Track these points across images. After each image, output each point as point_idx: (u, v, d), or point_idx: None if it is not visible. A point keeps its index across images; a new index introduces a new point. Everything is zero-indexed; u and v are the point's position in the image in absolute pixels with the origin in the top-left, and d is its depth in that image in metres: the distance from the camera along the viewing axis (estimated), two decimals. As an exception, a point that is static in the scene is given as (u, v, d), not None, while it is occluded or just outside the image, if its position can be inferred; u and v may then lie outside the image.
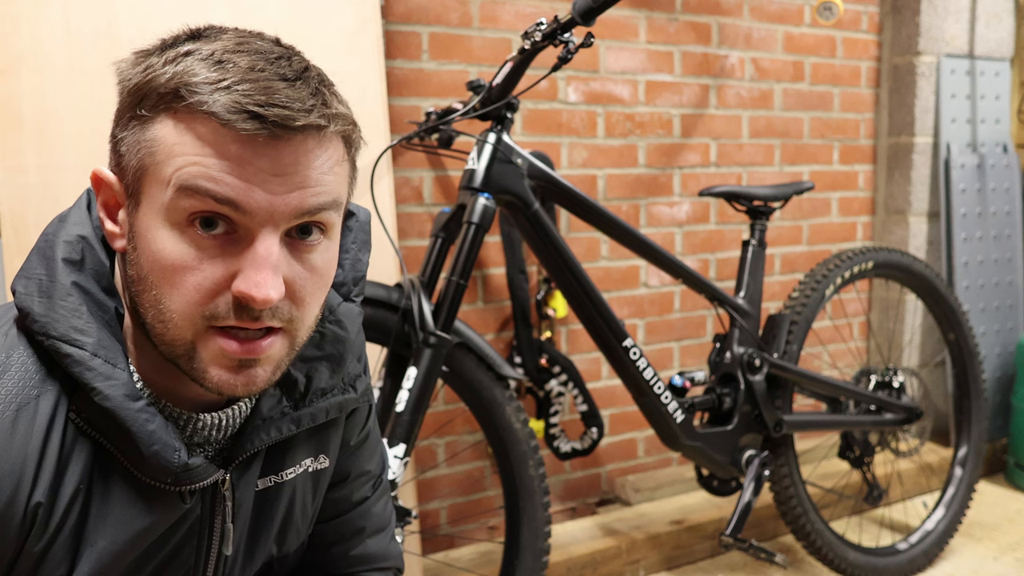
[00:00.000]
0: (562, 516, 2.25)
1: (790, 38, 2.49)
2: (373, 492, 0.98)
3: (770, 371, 1.88)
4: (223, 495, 0.77)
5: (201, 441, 0.76)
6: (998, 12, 2.72)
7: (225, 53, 0.64)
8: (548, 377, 2.03)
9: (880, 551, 2.11)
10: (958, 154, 2.65)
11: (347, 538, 0.95)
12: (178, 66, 0.64)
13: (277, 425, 0.78)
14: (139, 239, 0.66)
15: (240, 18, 1.61)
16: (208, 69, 0.63)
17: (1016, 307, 2.80)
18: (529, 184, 1.57)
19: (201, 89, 0.62)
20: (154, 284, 0.66)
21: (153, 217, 0.65)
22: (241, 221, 0.65)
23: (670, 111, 2.30)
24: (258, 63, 0.64)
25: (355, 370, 0.87)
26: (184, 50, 0.65)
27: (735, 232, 2.46)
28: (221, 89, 0.62)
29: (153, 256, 0.65)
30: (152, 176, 0.65)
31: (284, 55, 0.67)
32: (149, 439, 0.67)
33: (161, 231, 0.65)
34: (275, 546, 0.87)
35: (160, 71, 0.64)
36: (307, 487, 0.87)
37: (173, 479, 0.70)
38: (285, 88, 0.64)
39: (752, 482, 1.81)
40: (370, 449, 0.96)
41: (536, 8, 2.06)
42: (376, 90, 1.73)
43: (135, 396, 0.67)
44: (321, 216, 0.68)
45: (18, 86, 1.42)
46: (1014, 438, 2.65)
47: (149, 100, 0.65)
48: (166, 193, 0.64)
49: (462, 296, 1.49)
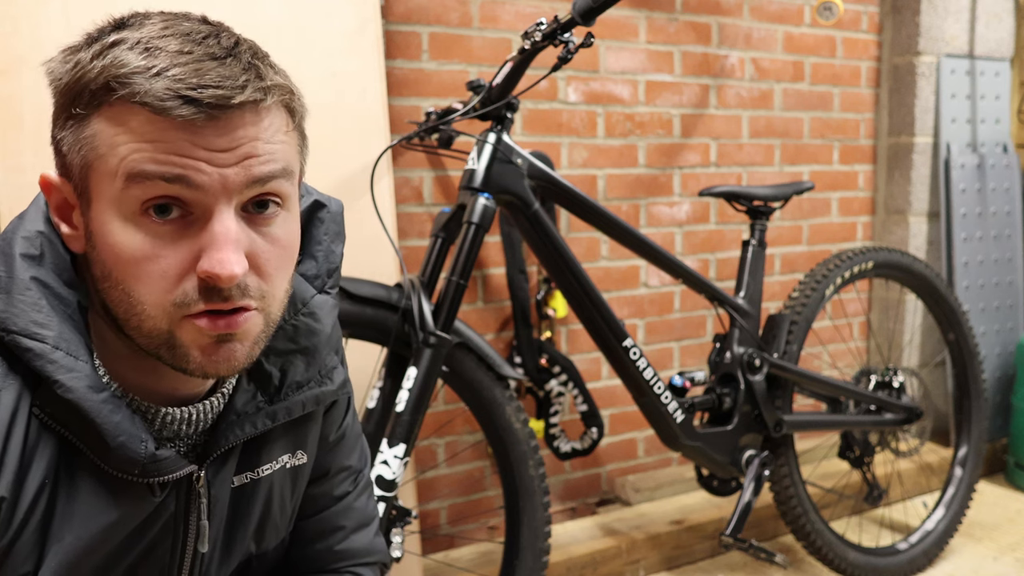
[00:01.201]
0: (562, 516, 2.25)
1: (790, 38, 2.49)
2: (354, 487, 0.97)
3: (770, 371, 1.88)
4: (198, 491, 0.76)
5: (171, 435, 0.75)
6: (998, 12, 2.72)
7: (152, 39, 0.63)
8: (548, 377, 2.03)
9: (880, 551, 2.11)
10: (958, 154, 2.65)
11: (329, 534, 0.94)
12: (106, 59, 0.63)
13: (252, 420, 0.78)
14: (96, 237, 0.66)
15: (240, 18, 1.61)
16: (137, 58, 0.62)
17: (1016, 307, 2.80)
18: (529, 184, 1.57)
19: (132, 79, 0.62)
20: (120, 279, 0.65)
21: (106, 212, 0.65)
22: (194, 199, 0.64)
23: (670, 111, 2.30)
24: (186, 45, 0.63)
25: (331, 362, 0.86)
26: (110, 41, 0.64)
27: (735, 232, 2.46)
28: (152, 77, 0.61)
29: (113, 251, 0.65)
30: (98, 172, 0.65)
31: (212, 33, 0.66)
32: (114, 430, 0.67)
33: (116, 224, 0.64)
34: (253, 543, 0.86)
35: (89, 66, 0.63)
36: (285, 483, 0.86)
37: (140, 470, 0.69)
38: (216, 67, 0.63)
39: (752, 482, 1.81)
40: (350, 444, 0.96)
41: (536, 8, 2.06)
42: (376, 90, 1.73)
43: (99, 387, 0.67)
44: (273, 185, 0.68)
45: (18, 86, 1.42)
46: (1014, 438, 2.65)
47: (83, 97, 0.64)
48: (115, 185, 0.64)
49: (462, 296, 1.49)
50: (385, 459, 1.39)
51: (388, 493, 1.39)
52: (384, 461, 1.39)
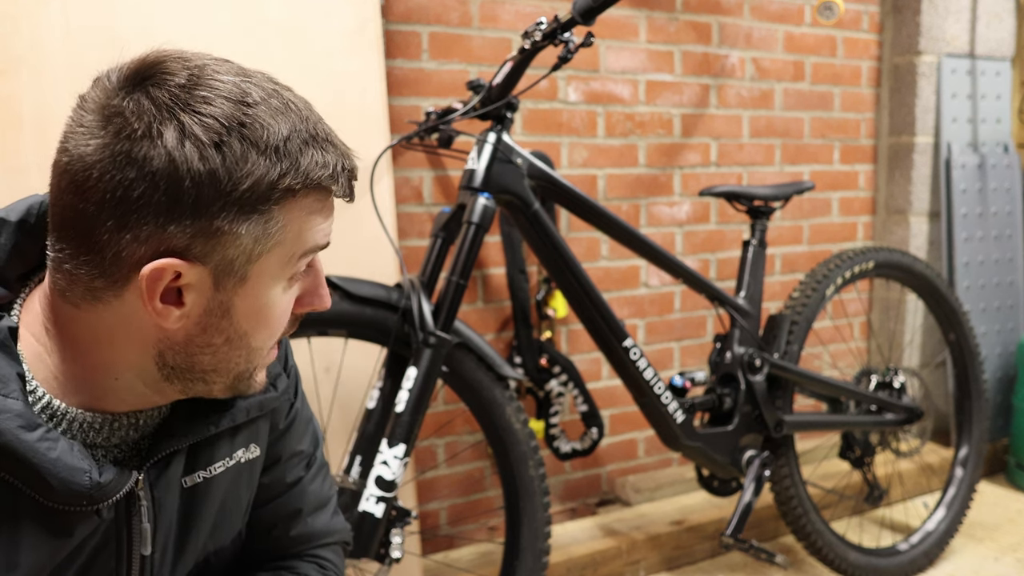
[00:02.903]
0: (562, 516, 2.25)
1: (790, 38, 2.48)
2: (307, 471, 0.97)
3: (771, 371, 1.87)
4: (137, 494, 0.75)
5: (118, 441, 0.75)
6: (999, 12, 2.72)
7: (306, 126, 0.68)
8: (548, 377, 2.03)
9: (881, 552, 2.10)
10: (959, 154, 2.64)
11: (286, 520, 0.95)
12: (285, 160, 0.66)
13: (195, 427, 0.78)
14: (237, 312, 0.70)
15: (241, 18, 1.61)
16: (317, 154, 0.68)
17: (1017, 307, 2.80)
18: (529, 184, 1.57)
19: (330, 180, 0.70)
20: (250, 335, 0.72)
21: (267, 288, 0.71)
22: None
23: (670, 111, 2.30)
24: (324, 132, 0.70)
25: (274, 369, 0.87)
26: (274, 140, 0.66)
27: (735, 232, 2.46)
28: (340, 173, 0.70)
29: (261, 313, 0.71)
30: (275, 256, 0.69)
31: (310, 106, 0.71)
32: (53, 467, 0.65)
33: (277, 299, 0.72)
34: (211, 542, 0.86)
35: (271, 166, 0.66)
36: (239, 478, 0.87)
37: (87, 500, 0.68)
38: (348, 151, 0.72)
39: (752, 482, 1.81)
40: (300, 429, 0.96)
41: (536, 8, 2.06)
42: (376, 90, 1.73)
43: (31, 426, 0.64)
44: None
45: (18, 86, 1.42)
46: (1015, 438, 2.65)
47: (272, 194, 0.67)
48: (289, 264, 0.71)
49: (462, 296, 1.49)
50: (385, 459, 1.39)
51: (388, 493, 1.38)
52: (384, 461, 1.39)
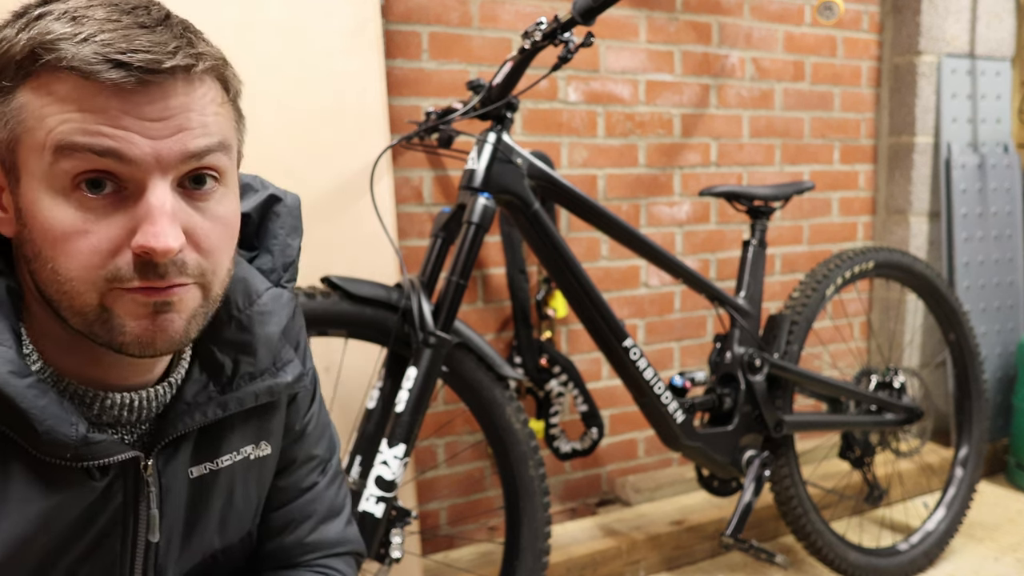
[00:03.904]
0: (562, 516, 2.25)
1: (790, 38, 2.48)
2: (323, 477, 0.96)
3: (771, 371, 1.87)
4: (146, 480, 0.75)
5: (111, 421, 0.74)
6: (999, 12, 2.72)
7: (79, 9, 0.62)
8: (548, 377, 2.03)
9: (881, 552, 2.10)
10: (959, 154, 2.64)
11: (298, 526, 0.93)
12: (32, 30, 0.62)
13: (202, 409, 0.77)
14: (27, 215, 0.64)
15: (240, 17, 1.61)
16: (63, 26, 0.61)
17: (1017, 307, 2.80)
18: (529, 184, 1.56)
19: (58, 45, 0.60)
20: (49, 256, 0.64)
21: (36, 188, 0.63)
22: (128, 174, 0.63)
23: (670, 111, 2.30)
24: (113, 14, 0.62)
25: (287, 356, 0.85)
26: (36, 14, 0.63)
27: (735, 232, 2.46)
28: (79, 42, 0.60)
29: (43, 227, 0.63)
30: (26, 146, 0.63)
31: (141, 4, 0.65)
32: (40, 414, 0.65)
33: (46, 200, 0.63)
34: (217, 537, 0.85)
35: (15, 39, 0.62)
36: (249, 475, 0.86)
37: (73, 454, 0.68)
38: (146, 34, 0.62)
39: (752, 482, 1.81)
40: (316, 434, 0.95)
41: (536, 8, 2.05)
42: (376, 90, 1.73)
43: (22, 373, 0.65)
44: (210, 160, 0.66)
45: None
46: (1015, 438, 2.65)
47: (8, 71, 0.63)
48: (44, 159, 0.62)
49: (462, 296, 1.49)
50: (385, 459, 1.39)
51: (388, 493, 1.38)
52: (384, 461, 1.39)
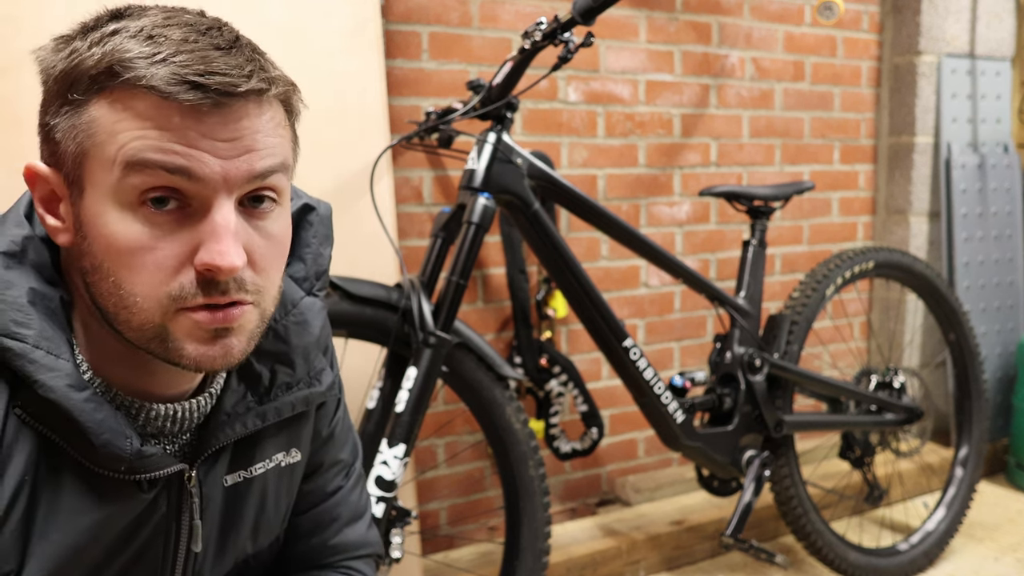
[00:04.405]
0: (562, 516, 2.25)
1: (790, 38, 2.48)
2: (347, 481, 0.97)
3: (771, 371, 1.87)
4: (190, 491, 0.76)
5: (155, 432, 0.74)
6: (999, 12, 2.72)
7: (155, 28, 0.63)
8: (548, 377, 2.03)
9: (881, 552, 2.10)
10: (959, 154, 2.64)
11: (324, 528, 0.95)
12: (106, 46, 0.62)
13: (242, 420, 0.78)
14: (88, 227, 0.65)
15: (240, 17, 1.61)
16: (140, 44, 0.62)
17: (1017, 307, 2.80)
18: (529, 184, 1.57)
19: (136, 64, 0.61)
20: (111, 270, 0.64)
21: (102, 201, 0.64)
22: (194, 191, 0.63)
23: (670, 111, 2.30)
24: (190, 35, 0.63)
25: (320, 364, 0.86)
26: (110, 29, 0.63)
27: (735, 232, 2.46)
28: (157, 62, 0.61)
29: (107, 241, 0.64)
30: (95, 159, 0.63)
31: (214, 25, 0.66)
32: (98, 427, 0.66)
33: (112, 214, 0.63)
34: (250, 542, 0.86)
35: (88, 53, 0.63)
36: (280, 482, 0.87)
37: (127, 467, 0.69)
38: (222, 56, 0.63)
39: (752, 482, 1.81)
40: (341, 438, 0.96)
41: (536, 8, 2.06)
42: (376, 90, 1.73)
43: (80, 386, 0.66)
44: (272, 180, 0.68)
45: (18, 86, 1.41)
46: (1015, 438, 2.65)
47: (80, 83, 0.63)
48: (113, 174, 0.62)
49: (462, 296, 1.49)
50: (385, 459, 1.39)
51: (388, 493, 1.38)
52: (384, 461, 1.39)
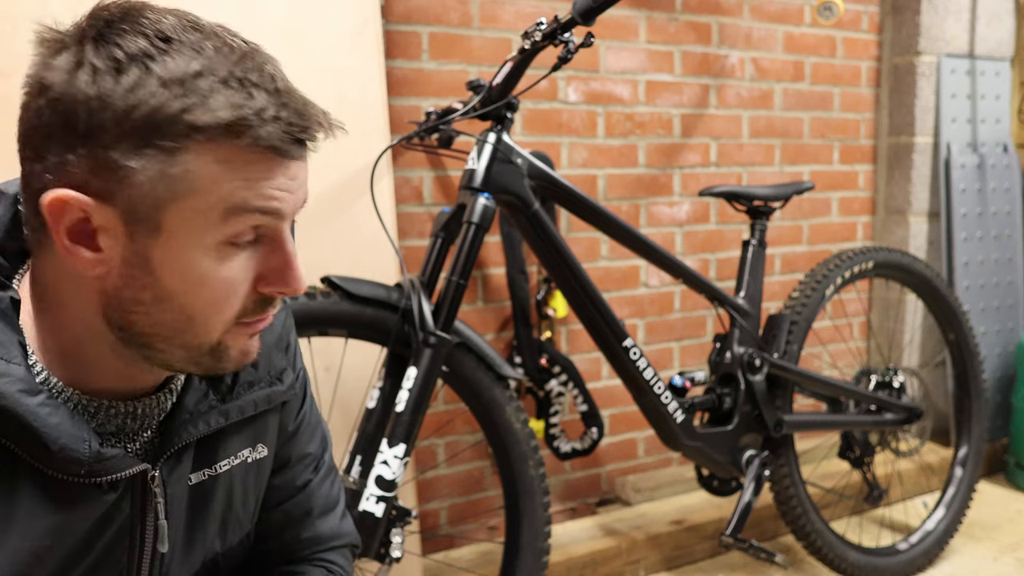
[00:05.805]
0: (562, 516, 2.25)
1: (790, 38, 2.48)
2: (316, 474, 0.98)
3: (770, 371, 1.88)
4: (154, 491, 0.75)
5: (114, 430, 0.74)
6: (998, 12, 2.72)
7: (233, 71, 0.63)
8: (548, 377, 2.03)
9: (880, 551, 2.11)
10: (958, 154, 2.65)
11: (294, 523, 0.95)
12: (192, 96, 0.61)
13: (205, 418, 0.78)
14: (159, 267, 0.65)
15: (241, 17, 1.61)
16: (235, 95, 0.63)
17: (1016, 307, 2.80)
18: (529, 184, 1.57)
19: (249, 122, 0.63)
20: (185, 304, 0.67)
21: (190, 244, 0.65)
22: (272, 226, 0.69)
23: (670, 111, 2.30)
24: (262, 79, 0.65)
25: (281, 363, 0.87)
26: (192, 71, 0.62)
27: (735, 232, 2.46)
28: (268, 120, 0.64)
29: (187, 279, 0.66)
30: (187, 205, 0.64)
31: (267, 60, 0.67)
32: (53, 432, 0.65)
33: (203, 258, 0.66)
34: (218, 540, 0.86)
35: (165, 99, 0.61)
36: (247, 478, 0.87)
37: (87, 470, 0.68)
38: (307, 106, 0.67)
39: (752, 482, 1.81)
40: (308, 432, 0.97)
41: (536, 8, 2.06)
42: (376, 90, 1.73)
43: (33, 391, 0.65)
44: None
45: (18, 87, 1.41)
46: (1014, 438, 2.65)
47: (171, 130, 0.62)
48: (209, 219, 0.65)
49: (462, 296, 1.49)
50: (385, 459, 1.39)
51: (388, 493, 1.39)
52: (384, 461, 1.39)
